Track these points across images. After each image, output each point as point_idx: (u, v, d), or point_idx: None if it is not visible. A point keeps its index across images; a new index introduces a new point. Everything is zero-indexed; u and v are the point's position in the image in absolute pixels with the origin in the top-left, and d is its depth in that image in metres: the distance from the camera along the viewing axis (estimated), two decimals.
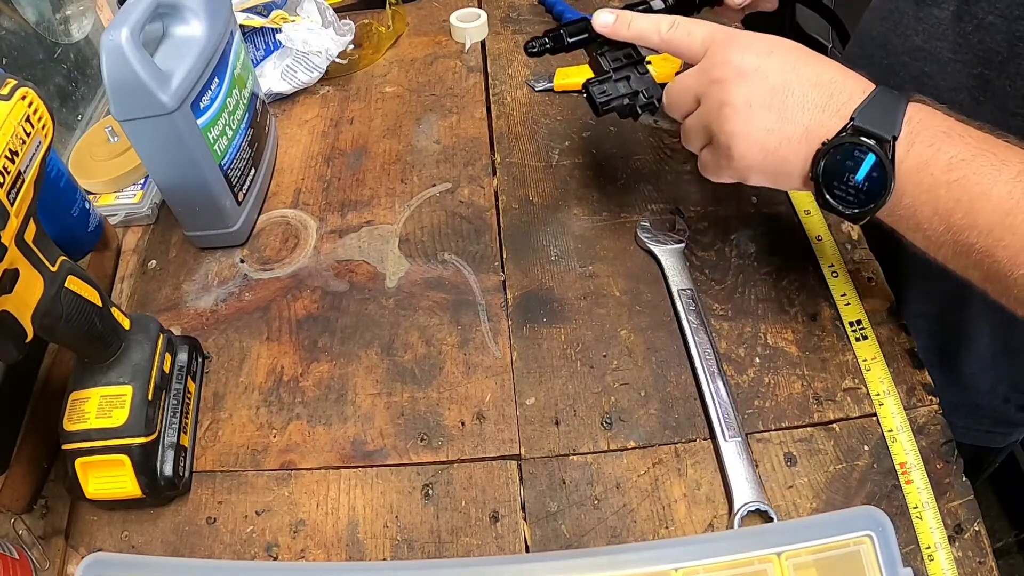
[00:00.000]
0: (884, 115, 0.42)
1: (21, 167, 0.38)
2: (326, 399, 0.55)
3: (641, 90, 0.53)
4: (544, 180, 0.68)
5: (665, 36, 0.49)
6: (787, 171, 0.45)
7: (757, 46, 0.45)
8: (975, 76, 0.53)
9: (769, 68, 0.44)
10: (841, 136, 0.42)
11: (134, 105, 0.53)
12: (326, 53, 0.78)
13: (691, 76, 0.48)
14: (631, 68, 0.54)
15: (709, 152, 0.49)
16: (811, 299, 0.57)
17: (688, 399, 0.52)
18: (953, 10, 0.53)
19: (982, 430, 0.70)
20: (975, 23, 0.52)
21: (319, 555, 0.47)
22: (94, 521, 0.50)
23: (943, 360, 0.66)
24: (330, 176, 0.71)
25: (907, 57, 0.58)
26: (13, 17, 0.70)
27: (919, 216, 0.42)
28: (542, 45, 0.56)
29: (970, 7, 0.52)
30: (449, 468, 0.50)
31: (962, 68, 0.54)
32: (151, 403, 0.48)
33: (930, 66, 0.56)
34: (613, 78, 0.53)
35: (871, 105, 0.42)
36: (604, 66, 0.54)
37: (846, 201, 0.44)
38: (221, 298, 0.62)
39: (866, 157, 0.42)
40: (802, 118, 0.43)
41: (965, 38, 0.53)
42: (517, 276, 0.61)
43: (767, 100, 0.44)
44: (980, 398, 0.67)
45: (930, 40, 0.56)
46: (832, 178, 0.43)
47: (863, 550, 0.40)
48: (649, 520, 0.47)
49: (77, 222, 0.59)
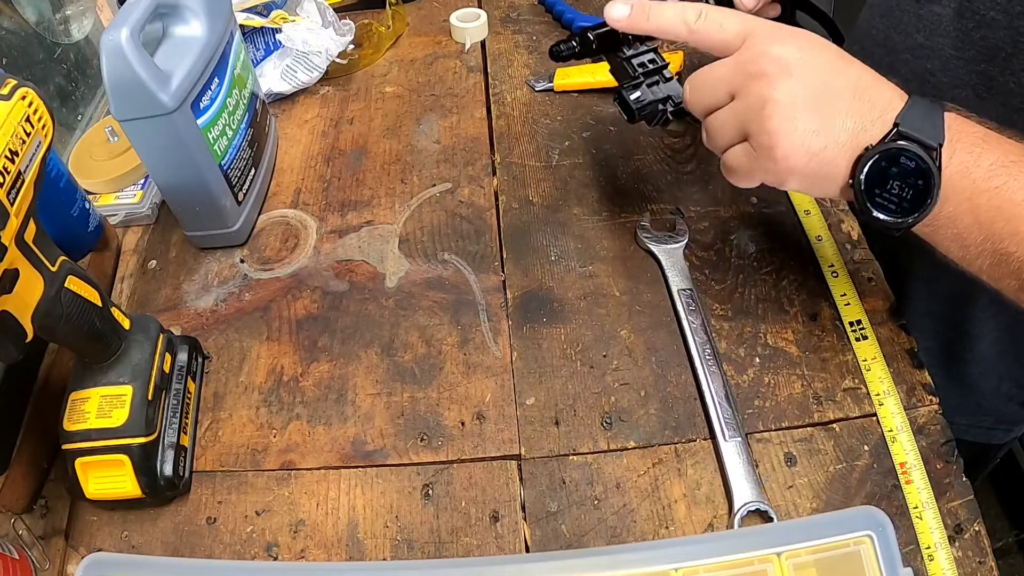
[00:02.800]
0: (927, 122, 0.40)
1: (21, 167, 0.38)
2: (326, 399, 0.55)
3: (672, 95, 0.52)
4: (544, 180, 0.68)
5: (694, 27, 0.45)
6: (830, 175, 0.42)
7: (797, 39, 0.42)
8: (978, 73, 0.53)
9: (812, 64, 0.42)
10: (886, 142, 0.40)
11: (134, 105, 0.53)
12: (326, 53, 0.78)
13: (725, 68, 0.44)
14: (658, 73, 0.52)
15: (743, 153, 0.44)
16: (811, 299, 0.57)
17: (688, 399, 0.52)
18: (954, 7, 0.53)
19: (984, 427, 0.70)
20: (977, 19, 0.52)
21: (319, 555, 0.47)
22: (94, 521, 0.50)
23: (947, 359, 0.66)
24: (330, 176, 0.71)
25: (908, 55, 0.58)
26: (13, 17, 0.70)
27: (959, 225, 0.41)
28: (570, 49, 0.54)
29: (971, 3, 0.52)
30: (449, 468, 0.50)
31: (965, 65, 0.54)
32: (151, 403, 0.48)
33: (932, 63, 0.56)
34: (645, 83, 0.52)
35: (912, 112, 0.41)
36: (631, 72, 0.52)
37: (888, 210, 0.42)
38: (221, 298, 0.62)
39: (913, 164, 0.40)
40: (847, 122, 0.41)
41: (967, 34, 0.53)
42: (517, 276, 0.61)
43: (812, 99, 0.41)
44: (983, 397, 0.67)
45: (932, 37, 0.56)
46: (875, 185, 0.41)
47: (863, 550, 0.40)
48: (649, 520, 0.47)
49: (77, 222, 0.59)
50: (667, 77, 0.53)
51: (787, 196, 0.64)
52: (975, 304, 0.62)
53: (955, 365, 0.66)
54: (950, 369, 0.66)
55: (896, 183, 0.41)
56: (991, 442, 0.72)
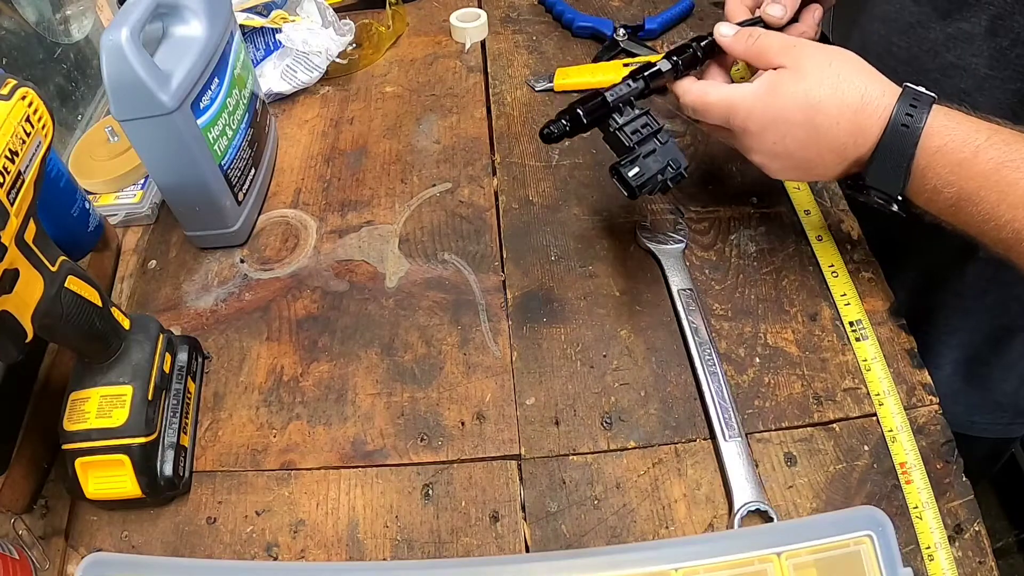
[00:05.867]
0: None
1: (21, 167, 0.38)
2: (326, 399, 0.55)
3: (668, 161, 0.50)
4: (544, 180, 0.68)
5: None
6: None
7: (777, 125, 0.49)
8: (1014, 92, 0.52)
9: (787, 150, 0.49)
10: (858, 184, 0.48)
11: (134, 105, 0.53)
12: (326, 53, 0.78)
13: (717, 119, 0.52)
14: (652, 139, 0.51)
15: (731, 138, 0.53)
16: (811, 299, 0.57)
17: (688, 399, 0.52)
18: (986, 24, 0.51)
19: (1003, 423, 0.70)
20: (1012, 37, 0.50)
21: (319, 555, 0.47)
22: (94, 521, 0.50)
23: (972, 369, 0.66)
24: (330, 176, 0.71)
25: (938, 74, 0.56)
26: (13, 17, 0.70)
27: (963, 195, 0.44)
28: (561, 129, 0.50)
29: (1005, 21, 0.50)
30: (449, 468, 0.50)
31: (1001, 84, 0.52)
32: (151, 403, 0.48)
33: (966, 83, 0.54)
34: (641, 155, 0.50)
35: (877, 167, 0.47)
36: (626, 142, 0.50)
37: None
38: (221, 298, 0.62)
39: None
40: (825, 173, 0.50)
41: (1002, 53, 0.51)
42: (517, 276, 0.61)
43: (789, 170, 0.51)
44: (1004, 395, 0.67)
45: (963, 56, 0.54)
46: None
47: (863, 550, 0.40)
48: (649, 520, 0.47)
49: (77, 222, 0.59)
50: (663, 140, 0.51)
51: (787, 196, 0.64)
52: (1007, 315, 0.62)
53: (980, 373, 0.66)
54: (974, 377, 0.66)
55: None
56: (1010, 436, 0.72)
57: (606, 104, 0.51)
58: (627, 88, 0.52)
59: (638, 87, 0.52)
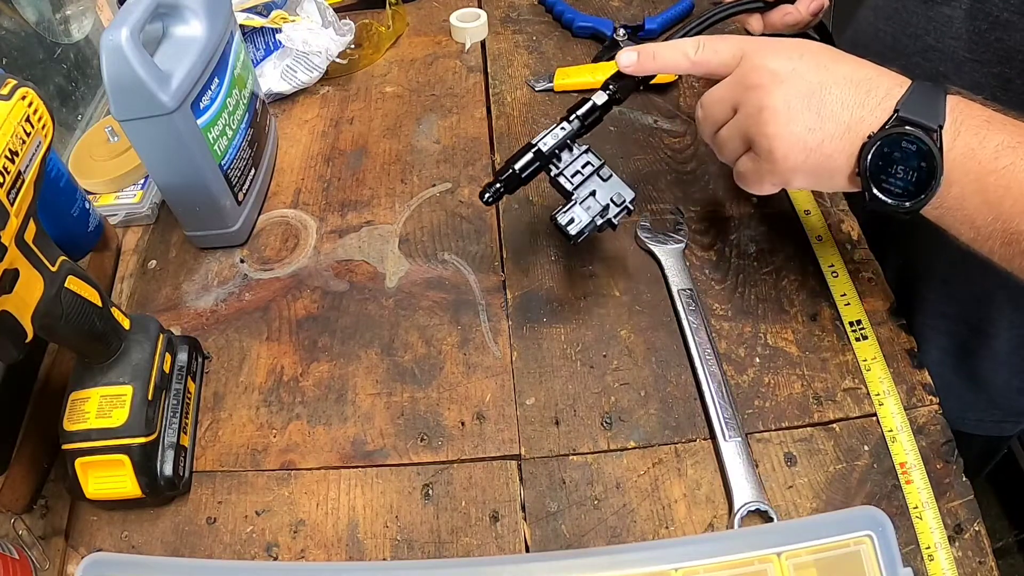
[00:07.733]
0: (927, 106, 0.42)
1: (21, 167, 0.38)
2: (326, 399, 0.55)
3: (611, 198, 0.51)
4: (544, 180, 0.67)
5: (694, 59, 0.49)
6: (832, 168, 0.44)
7: (788, 50, 0.45)
8: (994, 75, 0.52)
9: (804, 69, 0.44)
10: (887, 128, 0.42)
11: (134, 105, 0.53)
12: (326, 53, 0.78)
13: (725, 87, 0.48)
14: (594, 177, 0.51)
15: (749, 160, 0.47)
16: (811, 299, 0.57)
17: (688, 399, 0.52)
18: (966, 8, 0.53)
19: (994, 421, 0.70)
20: (990, 21, 0.51)
21: (319, 555, 0.47)
22: (94, 521, 0.50)
23: (960, 358, 0.66)
24: (330, 176, 0.71)
25: (920, 58, 0.57)
26: (13, 17, 0.70)
27: (968, 206, 0.42)
28: (496, 192, 0.51)
29: (983, 5, 0.51)
30: (449, 468, 0.50)
31: (979, 67, 0.53)
32: (151, 403, 0.48)
33: (945, 66, 0.55)
34: (578, 201, 0.50)
35: (912, 97, 0.42)
36: (568, 186, 0.51)
37: (895, 194, 0.43)
38: (221, 298, 0.62)
39: (915, 147, 0.41)
40: (843, 115, 0.43)
41: (981, 36, 0.52)
42: (517, 276, 0.61)
43: (805, 100, 0.44)
44: (995, 392, 0.67)
45: (943, 39, 0.55)
46: (880, 172, 0.43)
47: (863, 550, 0.40)
48: (649, 520, 0.47)
49: (77, 222, 0.59)
50: (605, 177, 0.51)
51: (787, 196, 0.64)
52: (992, 303, 0.62)
53: (968, 363, 0.66)
54: (962, 368, 0.66)
55: (900, 167, 0.42)
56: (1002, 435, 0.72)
57: (541, 155, 0.51)
58: (562, 132, 0.51)
59: (573, 128, 0.52)
